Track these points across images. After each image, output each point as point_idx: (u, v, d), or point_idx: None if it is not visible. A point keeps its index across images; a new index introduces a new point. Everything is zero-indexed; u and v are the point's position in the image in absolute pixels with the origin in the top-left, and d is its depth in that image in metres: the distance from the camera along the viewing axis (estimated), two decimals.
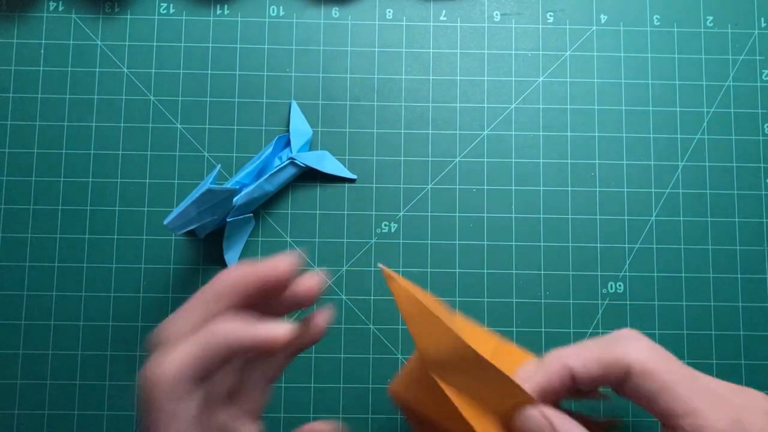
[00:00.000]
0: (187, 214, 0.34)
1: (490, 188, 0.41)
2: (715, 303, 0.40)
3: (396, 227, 0.41)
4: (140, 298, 0.40)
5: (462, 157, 0.42)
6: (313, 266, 0.40)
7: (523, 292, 0.40)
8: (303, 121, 0.41)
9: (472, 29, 0.43)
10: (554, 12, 0.43)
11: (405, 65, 0.42)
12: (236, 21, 0.42)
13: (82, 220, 0.40)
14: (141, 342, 0.40)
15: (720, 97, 0.42)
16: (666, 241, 0.41)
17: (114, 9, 0.42)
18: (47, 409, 0.39)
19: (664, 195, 0.41)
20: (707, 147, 0.42)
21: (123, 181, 0.41)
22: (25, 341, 0.39)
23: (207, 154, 0.41)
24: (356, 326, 0.40)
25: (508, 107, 0.42)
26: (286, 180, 0.40)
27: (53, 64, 0.42)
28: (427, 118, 0.42)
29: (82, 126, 0.41)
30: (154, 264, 0.40)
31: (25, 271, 0.40)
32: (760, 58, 0.43)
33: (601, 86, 0.42)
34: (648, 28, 0.43)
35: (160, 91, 0.42)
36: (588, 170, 0.42)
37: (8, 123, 0.41)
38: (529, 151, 0.42)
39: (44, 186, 0.41)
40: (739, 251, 0.41)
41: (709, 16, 0.43)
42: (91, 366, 0.39)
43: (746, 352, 0.40)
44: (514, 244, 0.41)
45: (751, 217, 0.41)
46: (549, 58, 0.42)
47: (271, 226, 0.41)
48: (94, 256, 0.40)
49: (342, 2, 0.43)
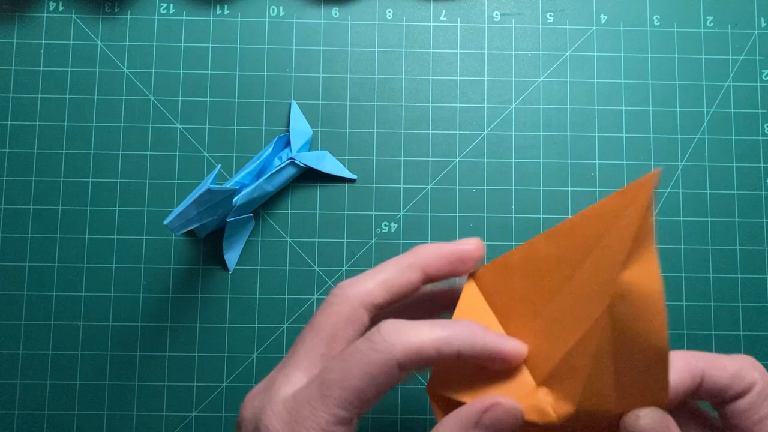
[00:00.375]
0: (187, 214, 0.34)
1: (490, 188, 0.41)
2: (715, 303, 0.40)
3: (396, 227, 0.41)
4: (140, 298, 0.40)
5: (462, 157, 0.42)
6: (313, 266, 0.40)
7: None
8: (303, 121, 0.41)
9: (472, 29, 0.43)
10: (554, 12, 0.43)
11: (405, 65, 0.42)
12: (236, 21, 0.42)
13: (82, 220, 0.40)
14: (141, 342, 0.40)
15: (720, 97, 0.42)
16: (666, 241, 0.41)
17: (114, 9, 0.42)
18: (47, 409, 0.39)
19: (664, 195, 0.41)
20: (707, 147, 0.42)
21: (123, 181, 0.41)
22: (25, 341, 0.39)
23: (207, 154, 0.41)
24: None
25: (508, 107, 0.42)
26: (286, 180, 0.40)
27: (53, 64, 0.42)
28: (427, 118, 0.42)
29: (82, 126, 0.41)
30: (154, 264, 0.40)
31: (25, 271, 0.40)
32: (760, 58, 0.43)
33: (601, 86, 0.42)
34: (648, 28, 0.43)
35: (160, 91, 0.42)
36: (588, 170, 0.42)
37: (8, 123, 0.41)
38: (529, 151, 0.42)
39: (44, 186, 0.41)
40: (739, 251, 0.41)
41: (709, 16, 0.43)
42: (91, 366, 0.39)
43: (746, 353, 0.40)
44: (514, 244, 0.41)
45: (751, 217, 0.41)
46: (549, 58, 0.42)
47: (271, 226, 0.41)
48: (94, 256, 0.40)
49: (342, 2, 0.43)
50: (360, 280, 0.24)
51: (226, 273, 0.40)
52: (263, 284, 0.40)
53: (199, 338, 0.40)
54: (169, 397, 0.39)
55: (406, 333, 0.22)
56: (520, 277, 0.24)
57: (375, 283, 0.24)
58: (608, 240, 0.21)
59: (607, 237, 0.21)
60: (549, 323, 0.23)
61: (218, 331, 0.40)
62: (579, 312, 0.22)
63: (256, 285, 0.40)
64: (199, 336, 0.40)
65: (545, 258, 0.24)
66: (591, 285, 0.22)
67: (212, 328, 0.40)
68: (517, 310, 0.24)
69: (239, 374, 0.39)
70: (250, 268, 0.40)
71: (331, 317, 0.23)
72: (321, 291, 0.40)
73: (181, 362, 0.39)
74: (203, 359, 0.40)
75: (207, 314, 0.40)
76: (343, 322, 0.23)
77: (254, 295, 0.40)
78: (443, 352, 0.22)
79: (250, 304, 0.40)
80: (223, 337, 0.40)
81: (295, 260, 0.40)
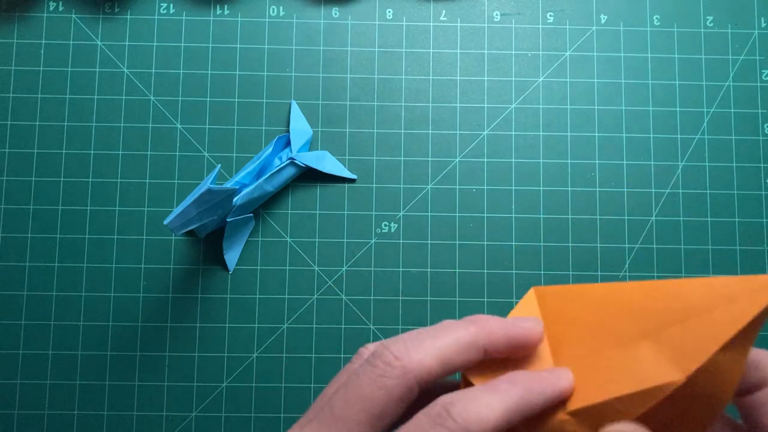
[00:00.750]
0: (187, 214, 0.34)
1: (490, 188, 0.41)
2: None
3: (396, 227, 0.41)
4: (140, 298, 0.40)
5: (462, 157, 0.42)
6: (313, 266, 0.40)
7: (523, 292, 0.40)
8: (303, 121, 0.41)
9: (472, 29, 0.43)
10: (554, 12, 0.43)
11: (405, 65, 0.42)
12: (236, 21, 0.42)
13: (82, 220, 0.40)
14: (141, 342, 0.40)
15: (720, 97, 0.42)
16: (666, 241, 0.41)
17: (114, 9, 0.42)
18: (47, 409, 0.39)
19: (664, 195, 0.41)
20: (707, 147, 0.42)
21: (123, 181, 0.41)
22: (25, 341, 0.39)
23: (207, 154, 0.41)
24: (356, 326, 0.40)
25: (508, 107, 0.42)
26: (286, 180, 0.40)
27: (53, 64, 0.42)
28: (427, 118, 0.42)
29: (82, 126, 0.41)
30: (154, 264, 0.40)
31: (25, 271, 0.40)
32: (760, 58, 0.43)
33: (601, 86, 0.42)
34: (648, 28, 0.43)
35: (160, 91, 0.42)
36: (588, 170, 0.42)
37: (8, 123, 0.41)
38: (529, 151, 0.42)
39: (44, 186, 0.41)
40: (739, 251, 0.41)
41: (709, 16, 0.43)
42: (91, 366, 0.39)
43: None
44: (514, 244, 0.41)
45: (751, 217, 0.41)
46: (549, 58, 0.42)
47: (271, 226, 0.41)
48: (94, 256, 0.40)
49: (342, 2, 0.43)
50: (418, 350, 0.21)
51: (226, 273, 0.40)
52: (263, 284, 0.40)
53: (199, 338, 0.40)
54: (169, 397, 0.39)
55: (478, 411, 0.20)
56: (595, 311, 0.24)
57: (434, 359, 0.21)
58: (714, 317, 0.21)
59: (714, 314, 0.21)
60: (610, 363, 0.23)
61: (218, 331, 0.40)
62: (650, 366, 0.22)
63: (256, 285, 0.40)
64: (199, 336, 0.40)
65: (632, 304, 0.24)
66: (676, 348, 0.22)
67: (212, 328, 0.40)
68: (576, 338, 0.24)
69: (239, 374, 0.39)
70: (250, 268, 0.40)
71: (383, 392, 0.21)
72: (321, 291, 0.40)
73: (181, 362, 0.39)
74: (203, 359, 0.40)
75: (207, 314, 0.40)
76: (395, 401, 0.21)
77: (254, 295, 0.40)
78: (513, 421, 0.20)
79: (250, 304, 0.40)
80: (223, 337, 0.40)
81: (295, 260, 0.40)
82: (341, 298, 0.40)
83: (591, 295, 0.24)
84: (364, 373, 0.21)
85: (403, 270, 0.40)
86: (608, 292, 0.24)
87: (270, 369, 0.39)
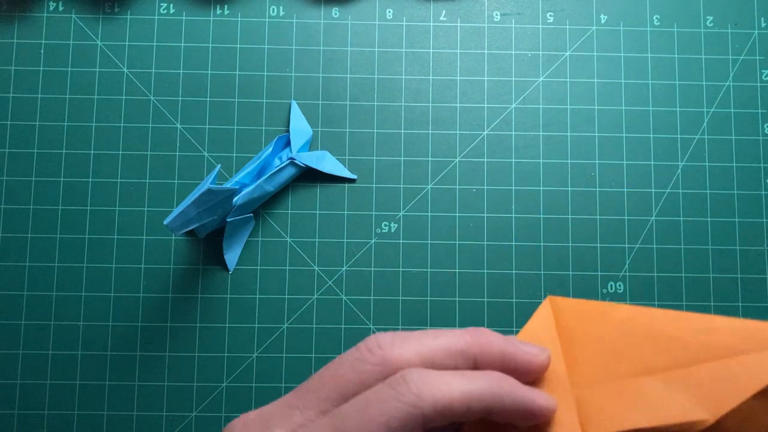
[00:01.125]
0: (187, 214, 0.34)
1: (490, 188, 0.41)
2: (715, 303, 0.40)
3: (396, 227, 0.41)
4: (140, 298, 0.40)
5: (462, 157, 0.42)
6: (313, 266, 0.40)
7: (523, 292, 0.40)
8: (303, 121, 0.41)
9: (472, 29, 0.43)
10: (554, 12, 0.43)
11: (405, 65, 0.42)
12: (236, 21, 0.42)
13: (82, 220, 0.40)
14: (141, 342, 0.40)
15: (720, 97, 0.42)
16: (666, 241, 0.41)
17: (114, 9, 0.42)
18: (47, 409, 0.39)
19: (664, 195, 0.41)
20: (707, 147, 0.42)
21: (123, 181, 0.41)
22: (25, 341, 0.39)
23: (207, 154, 0.41)
24: (356, 326, 0.40)
25: (508, 107, 0.42)
26: (286, 180, 0.40)
27: (53, 64, 0.42)
28: (427, 118, 0.42)
29: (82, 126, 0.41)
30: (154, 264, 0.40)
31: (25, 271, 0.40)
32: (760, 58, 0.43)
33: (601, 86, 0.42)
34: (648, 28, 0.43)
35: (160, 91, 0.42)
36: (588, 170, 0.42)
37: (8, 123, 0.41)
38: (529, 151, 0.42)
39: (44, 186, 0.41)
40: (739, 251, 0.41)
41: (709, 16, 0.43)
42: (91, 366, 0.39)
43: None
44: (514, 244, 0.41)
45: (751, 217, 0.41)
46: (549, 58, 0.43)
47: (271, 226, 0.41)
48: (94, 256, 0.40)
49: (342, 2, 0.43)
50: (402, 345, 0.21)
51: (226, 273, 0.40)
52: (263, 284, 0.40)
53: (199, 338, 0.40)
54: (169, 397, 0.39)
55: (435, 384, 0.19)
56: (618, 334, 0.24)
57: (416, 356, 0.21)
58: (748, 361, 0.21)
59: (748, 358, 0.21)
60: (631, 391, 0.22)
61: (218, 331, 0.40)
62: (676, 401, 0.21)
63: (256, 285, 0.40)
64: (199, 336, 0.40)
65: (659, 333, 0.23)
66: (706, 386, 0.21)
67: (212, 328, 0.40)
68: (595, 360, 0.24)
69: (239, 374, 0.39)
70: (250, 268, 0.40)
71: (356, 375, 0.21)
72: (321, 291, 0.40)
73: (181, 362, 0.39)
74: (203, 359, 0.40)
75: (207, 314, 0.40)
76: (366, 388, 0.20)
77: (254, 295, 0.40)
78: (473, 408, 0.20)
79: (250, 304, 0.40)
80: (223, 337, 0.40)
81: (295, 260, 0.40)
82: (341, 298, 0.40)
83: (614, 316, 0.24)
84: (347, 356, 0.21)
85: (403, 270, 0.40)
86: (633, 315, 0.23)
87: (270, 369, 0.39)
